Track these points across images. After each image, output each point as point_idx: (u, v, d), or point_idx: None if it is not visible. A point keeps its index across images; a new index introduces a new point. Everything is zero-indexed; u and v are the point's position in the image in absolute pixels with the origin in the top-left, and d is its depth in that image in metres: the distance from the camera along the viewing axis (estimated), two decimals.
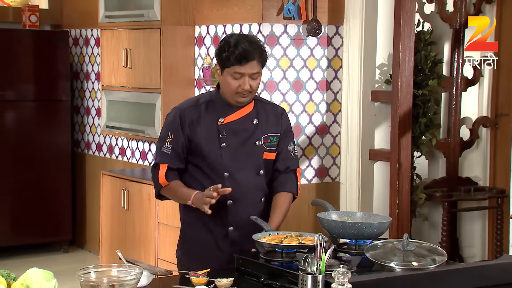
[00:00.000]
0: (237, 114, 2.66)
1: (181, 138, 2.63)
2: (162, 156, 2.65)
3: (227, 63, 2.58)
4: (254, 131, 2.67)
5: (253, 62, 2.57)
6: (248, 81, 2.58)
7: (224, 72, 2.60)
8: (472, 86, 4.65)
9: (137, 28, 4.91)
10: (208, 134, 2.63)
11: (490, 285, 2.22)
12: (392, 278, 2.13)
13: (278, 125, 2.72)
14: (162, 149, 2.65)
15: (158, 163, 2.66)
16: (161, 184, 2.65)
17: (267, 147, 2.68)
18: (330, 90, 4.41)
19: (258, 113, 2.69)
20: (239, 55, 2.55)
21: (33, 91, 5.68)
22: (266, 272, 2.26)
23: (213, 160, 2.63)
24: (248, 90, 2.59)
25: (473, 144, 4.73)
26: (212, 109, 2.65)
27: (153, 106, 4.81)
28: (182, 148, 2.64)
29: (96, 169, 5.56)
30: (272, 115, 2.73)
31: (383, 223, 2.47)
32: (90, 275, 2.06)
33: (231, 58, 2.56)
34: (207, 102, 2.67)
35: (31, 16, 5.71)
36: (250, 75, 2.58)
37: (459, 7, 4.50)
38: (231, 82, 2.59)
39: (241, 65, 2.56)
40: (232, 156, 2.62)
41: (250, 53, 2.56)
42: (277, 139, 2.71)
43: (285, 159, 2.72)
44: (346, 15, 4.35)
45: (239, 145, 2.64)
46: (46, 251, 5.77)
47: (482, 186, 4.72)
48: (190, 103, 2.69)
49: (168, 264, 4.31)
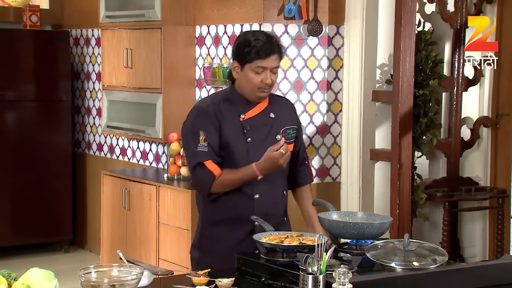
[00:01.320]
0: (255, 109, 2.69)
1: (213, 134, 2.63)
2: (202, 154, 2.62)
3: (249, 58, 2.60)
4: (272, 125, 2.71)
5: (274, 56, 2.62)
6: (269, 75, 2.62)
7: (245, 68, 2.62)
8: (473, 86, 4.65)
9: (137, 28, 4.91)
10: (234, 130, 2.65)
11: (491, 285, 2.22)
12: (393, 278, 2.13)
13: (292, 117, 2.80)
14: (198, 148, 2.62)
15: (200, 161, 2.62)
16: (215, 175, 2.60)
17: (286, 139, 2.71)
18: (331, 90, 4.41)
19: (273, 107, 2.73)
20: (261, 49, 2.58)
21: (34, 91, 5.68)
22: (266, 272, 2.26)
23: (239, 155, 2.65)
24: (269, 84, 2.63)
25: (474, 144, 4.73)
26: (231, 106, 2.67)
27: (153, 106, 4.81)
28: (216, 144, 2.64)
29: (97, 169, 5.56)
30: (286, 108, 2.79)
31: (384, 223, 2.47)
32: (91, 275, 2.06)
33: (253, 53, 2.59)
34: (225, 100, 2.68)
35: (32, 16, 5.71)
36: (271, 69, 2.62)
37: (460, 7, 4.49)
38: (254, 77, 2.61)
39: (264, 59, 2.59)
40: (257, 150, 2.63)
41: (271, 47, 2.60)
42: (293, 131, 2.76)
43: (302, 152, 2.84)
44: (347, 15, 4.35)
45: (262, 139, 2.67)
46: (47, 251, 5.77)
47: (483, 186, 4.72)
48: (209, 101, 2.70)
49: (168, 264, 4.31)
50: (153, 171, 5.01)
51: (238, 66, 2.64)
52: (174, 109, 4.74)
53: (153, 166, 5.15)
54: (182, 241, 4.26)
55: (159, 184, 4.48)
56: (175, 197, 4.34)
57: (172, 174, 4.61)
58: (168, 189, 4.40)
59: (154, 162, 5.15)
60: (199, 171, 2.62)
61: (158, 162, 5.11)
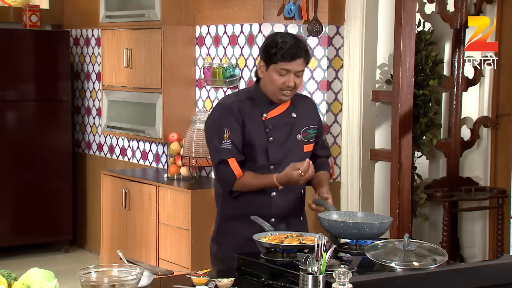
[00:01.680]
0: (278, 109, 2.71)
1: (238, 131, 2.65)
2: (226, 152, 2.65)
3: (274, 59, 2.62)
4: (294, 125, 2.73)
5: (299, 60, 2.63)
6: (293, 78, 2.63)
7: (270, 68, 2.65)
8: (472, 86, 4.65)
9: (137, 28, 4.91)
10: (256, 128, 2.67)
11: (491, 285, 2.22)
12: (392, 278, 2.13)
13: (313, 117, 2.81)
14: (222, 145, 2.64)
15: (224, 158, 2.65)
16: (237, 176, 2.64)
17: (306, 140, 2.75)
18: (331, 90, 4.41)
19: (295, 107, 2.75)
20: (287, 52, 2.60)
21: (33, 91, 5.68)
22: (266, 272, 2.26)
23: (260, 154, 2.67)
24: (292, 87, 2.65)
25: (473, 144, 4.73)
26: (254, 105, 2.70)
27: (153, 106, 4.81)
28: (240, 141, 2.66)
29: (97, 169, 5.56)
30: (308, 107, 2.81)
31: (383, 223, 2.47)
32: (91, 275, 2.06)
33: (279, 55, 2.61)
34: (249, 98, 2.71)
35: (31, 16, 5.71)
36: (295, 72, 2.64)
37: (460, 7, 4.49)
38: (277, 78, 2.64)
39: (288, 62, 2.61)
40: (278, 150, 2.67)
41: (297, 51, 2.62)
42: (314, 130, 2.78)
43: (322, 149, 2.86)
44: (347, 15, 4.35)
45: (283, 139, 2.69)
46: (47, 251, 5.77)
47: (482, 186, 4.72)
48: (234, 98, 2.72)
49: (168, 264, 4.31)
50: (153, 171, 5.01)
51: (264, 65, 2.67)
52: (174, 109, 4.74)
53: (153, 166, 5.15)
54: (182, 241, 4.26)
55: (159, 184, 4.48)
56: (175, 197, 4.34)
57: (172, 174, 4.61)
58: (168, 189, 4.40)
59: (154, 162, 5.15)
60: (223, 169, 2.66)
61: (158, 162, 5.11)
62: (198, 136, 4.39)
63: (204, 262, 4.16)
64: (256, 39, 4.29)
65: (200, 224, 4.22)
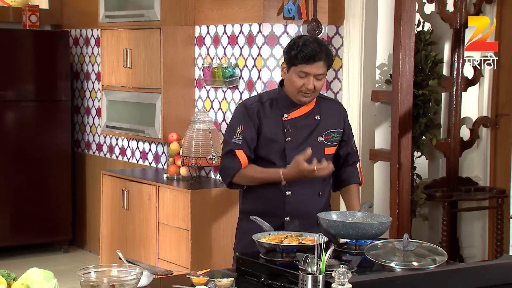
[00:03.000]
0: (301, 110, 2.73)
1: (251, 130, 2.69)
2: (235, 145, 2.70)
3: (295, 61, 2.65)
4: (316, 127, 2.74)
5: (319, 63, 2.65)
6: (312, 81, 2.65)
7: (291, 70, 2.68)
8: (472, 86, 4.65)
9: (137, 28, 4.91)
10: (274, 128, 2.69)
11: (490, 285, 2.22)
12: (392, 278, 2.13)
13: (340, 121, 2.82)
14: (233, 139, 2.70)
15: (232, 149, 2.69)
16: (242, 164, 2.66)
17: (328, 142, 2.76)
18: (331, 90, 4.41)
19: (320, 110, 2.77)
20: (307, 54, 2.63)
21: (33, 91, 5.67)
22: (266, 272, 2.26)
23: (277, 154, 2.69)
24: (311, 90, 2.66)
25: (473, 144, 4.73)
26: (276, 106, 2.72)
27: (153, 106, 4.81)
28: (251, 139, 2.69)
29: (96, 169, 5.56)
30: (334, 112, 2.82)
31: (383, 223, 2.47)
32: (91, 275, 2.06)
33: (299, 57, 2.63)
34: (271, 100, 2.74)
35: (31, 16, 5.71)
36: (315, 75, 2.65)
37: (459, 7, 4.50)
38: (296, 80, 2.66)
39: (308, 64, 2.63)
40: (295, 150, 2.67)
41: (318, 54, 2.64)
42: (338, 134, 2.80)
43: (351, 154, 2.88)
44: (346, 15, 4.35)
45: (302, 140, 2.70)
46: (46, 251, 5.77)
47: (482, 186, 4.72)
48: (255, 100, 2.77)
49: (168, 264, 4.31)
50: (153, 171, 5.01)
51: (286, 67, 2.71)
52: (173, 109, 4.74)
53: (153, 166, 5.15)
54: (182, 241, 4.26)
55: (159, 184, 4.48)
56: (174, 197, 4.34)
57: (172, 174, 4.61)
58: (168, 189, 4.40)
59: (154, 162, 5.15)
60: (229, 158, 2.70)
61: (157, 162, 5.11)
62: (198, 136, 4.39)
63: (204, 262, 4.17)
64: (256, 39, 4.29)
65: (200, 224, 4.22)
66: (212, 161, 4.37)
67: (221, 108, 4.61)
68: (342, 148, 2.84)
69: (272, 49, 4.24)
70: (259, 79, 4.28)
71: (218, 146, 4.41)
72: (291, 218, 2.71)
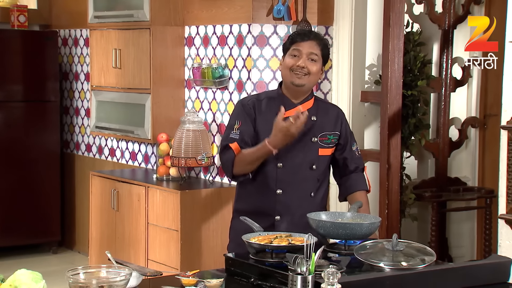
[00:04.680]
0: (296, 109, 2.70)
1: (248, 125, 2.71)
2: (231, 140, 2.71)
3: (289, 44, 2.70)
4: (311, 127, 2.73)
5: (311, 42, 2.68)
6: (304, 60, 2.66)
7: (286, 56, 2.71)
8: (460, 86, 4.68)
9: (126, 28, 4.90)
10: (268, 126, 2.67)
11: (478, 285, 2.23)
12: (381, 278, 2.14)
13: (337, 125, 2.80)
14: (231, 135, 2.72)
15: (227, 144, 2.71)
16: (235, 153, 2.67)
17: (323, 144, 2.75)
18: (320, 90, 4.42)
19: (317, 111, 2.77)
20: (298, 35, 2.70)
21: (22, 91, 5.65)
22: (256, 272, 2.26)
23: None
24: (303, 68, 2.66)
25: (462, 144, 4.75)
26: (273, 105, 2.73)
27: (142, 107, 4.80)
28: (248, 135, 2.71)
29: (86, 170, 5.54)
30: (331, 115, 2.81)
31: (372, 223, 2.47)
32: (79, 276, 2.06)
33: (292, 38, 2.70)
34: (268, 98, 2.76)
35: (19, 16, 5.68)
36: (308, 54, 2.66)
37: (448, 8, 4.52)
38: (289, 60, 2.69)
39: (300, 42, 2.66)
40: (288, 149, 2.67)
41: (308, 34, 2.70)
42: (334, 137, 2.78)
43: (353, 159, 2.83)
44: (336, 15, 4.36)
45: (296, 139, 2.68)
46: (35, 252, 5.75)
47: (471, 186, 4.75)
48: (252, 97, 2.80)
49: (157, 265, 4.30)
50: (142, 172, 5.00)
51: (282, 59, 2.73)
52: (163, 110, 4.73)
53: (142, 167, 5.13)
54: (171, 242, 4.25)
55: (148, 185, 4.47)
56: (164, 198, 4.34)
57: (161, 175, 4.61)
58: (157, 190, 4.39)
59: (143, 162, 5.14)
60: (225, 153, 2.72)
61: (147, 163, 5.10)
62: (188, 136, 4.39)
63: (193, 263, 4.16)
64: (245, 40, 4.29)
65: (189, 225, 4.21)
66: (202, 161, 4.36)
67: (210, 109, 4.61)
68: (338, 151, 2.82)
69: (262, 50, 4.24)
70: (249, 80, 4.28)
71: (208, 146, 4.41)
72: (282, 217, 2.71)
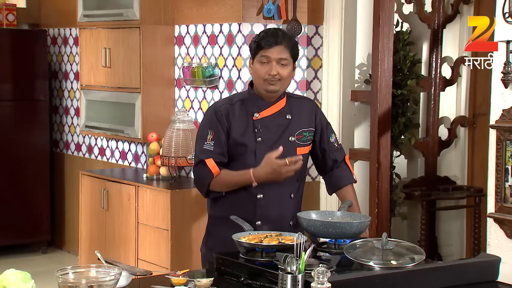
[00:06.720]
0: (271, 109, 2.67)
1: (221, 134, 2.63)
2: (206, 153, 2.63)
3: (256, 49, 2.61)
4: (287, 126, 2.68)
5: (280, 47, 2.59)
6: (275, 67, 2.59)
7: (254, 61, 2.63)
8: (450, 86, 4.70)
9: (116, 27, 4.88)
10: (244, 129, 2.63)
11: (468, 283, 2.24)
12: (371, 276, 2.14)
13: (312, 119, 2.74)
14: (204, 146, 2.64)
15: (202, 159, 2.63)
16: (213, 174, 2.61)
17: (300, 142, 2.69)
18: (310, 89, 4.42)
19: (291, 109, 2.70)
20: (265, 38, 2.59)
21: (11, 90, 5.62)
22: (246, 271, 2.26)
23: (248, 155, 2.64)
24: (275, 75, 2.59)
25: (451, 143, 4.77)
26: (246, 106, 2.66)
27: (132, 106, 4.79)
28: (223, 143, 2.64)
29: (75, 169, 5.52)
30: (305, 110, 2.74)
31: (362, 222, 2.48)
32: (69, 276, 2.05)
33: (258, 43, 2.59)
34: (241, 101, 2.68)
35: (8, 15, 5.66)
36: (277, 60, 2.59)
37: (437, 8, 4.54)
38: (259, 68, 2.60)
39: (268, 48, 2.58)
40: (267, 151, 2.60)
41: (277, 37, 2.58)
42: (310, 133, 2.72)
43: (331, 152, 2.77)
44: (326, 15, 4.36)
45: (273, 140, 2.64)
46: (24, 252, 5.72)
47: (460, 185, 4.77)
48: (224, 102, 2.70)
49: (147, 264, 4.30)
50: (132, 171, 4.99)
51: (251, 62, 2.66)
52: (153, 109, 4.72)
53: (132, 166, 5.12)
54: (161, 242, 4.24)
55: (138, 184, 4.46)
56: (154, 197, 4.33)
57: (151, 174, 4.60)
58: (147, 189, 4.38)
59: (133, 162, 5.13)
60: (200, 169, 2.65)
61: (137, 162, 5.09)
62: (178, 136, 4.38)
63: (183, 262, 4.16)
64: (236, 39, 4.29)
65: (180, 224, 4.21)
66: (192, 161, 4.36)
67: (201, 108, 4.61)
68: (315, 143, 2.75)
69: None
70: (239, 79, 4.28)
71: None
72: (263, 222, 2.66)
